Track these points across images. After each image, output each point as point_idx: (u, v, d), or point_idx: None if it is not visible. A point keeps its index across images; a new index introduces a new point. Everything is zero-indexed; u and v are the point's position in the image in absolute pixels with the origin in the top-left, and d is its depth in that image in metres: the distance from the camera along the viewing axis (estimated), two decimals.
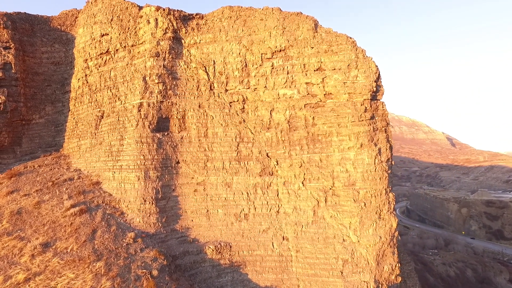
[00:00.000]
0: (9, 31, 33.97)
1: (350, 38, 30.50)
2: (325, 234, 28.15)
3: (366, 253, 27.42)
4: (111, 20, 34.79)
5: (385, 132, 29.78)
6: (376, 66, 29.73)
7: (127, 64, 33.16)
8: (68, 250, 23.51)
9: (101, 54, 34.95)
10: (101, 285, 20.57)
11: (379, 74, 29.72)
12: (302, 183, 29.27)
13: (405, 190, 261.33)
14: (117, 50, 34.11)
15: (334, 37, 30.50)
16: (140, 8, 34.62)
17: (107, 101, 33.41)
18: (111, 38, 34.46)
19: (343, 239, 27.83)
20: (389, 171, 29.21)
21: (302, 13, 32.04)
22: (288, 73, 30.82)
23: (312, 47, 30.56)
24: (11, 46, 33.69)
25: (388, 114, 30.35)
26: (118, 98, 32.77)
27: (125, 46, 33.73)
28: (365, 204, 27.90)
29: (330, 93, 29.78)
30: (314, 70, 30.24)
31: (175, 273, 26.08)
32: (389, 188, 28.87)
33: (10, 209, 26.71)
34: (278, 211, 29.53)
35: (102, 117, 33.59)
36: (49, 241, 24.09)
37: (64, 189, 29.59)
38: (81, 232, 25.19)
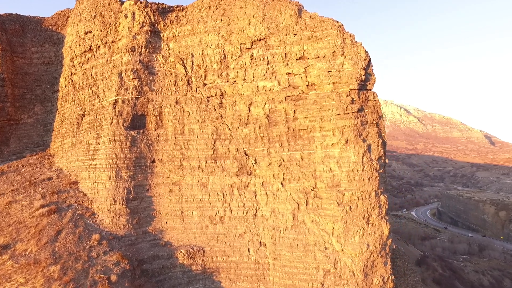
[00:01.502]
0: None
1: (337, 22, 27.37)
2: (305, 240, 25.34)
3: (352, 263, 24.26)
4: (94, 17, 34.16)
5: (377, 126, 26.35)
6: (366, 52, 26.38)
7: (107, 61, 32.30)
8: (27, 253, 22.71)
9: (84, 52, 34.45)
10: None
11: (369, 61, 26.35)
12: (281, 183, 26.65)
13: (437, 191, 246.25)
14: (98, 47, 33.40)
15: (319, 22, 27.53)
16: (122, 3, 33.67)
17: (88, 99, 32.77)
18: (93, 35, 33.85)
19: (325, 247, 24.86)
20: (380, 171, 25.77)
21: None
22: (268, 63, 28.31)
23: (295, 34, 27.80)
24: None
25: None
26: (97, 96, 31.98)
27: (105, 43, 32.91)
28: (350, 207, 24.73)
29: (313, 84, 26.87)
30: (296, 59, 27.48)
31: (140, 278, 24.58)
32: (380, 190, 25.44)
33: None
34: (255, 214, 27.13)
35: (84, 116, 33.01)
36: (10, 242, 23.48)
37: (40, 188, 29.18)
38: (45, 234, 24.39)
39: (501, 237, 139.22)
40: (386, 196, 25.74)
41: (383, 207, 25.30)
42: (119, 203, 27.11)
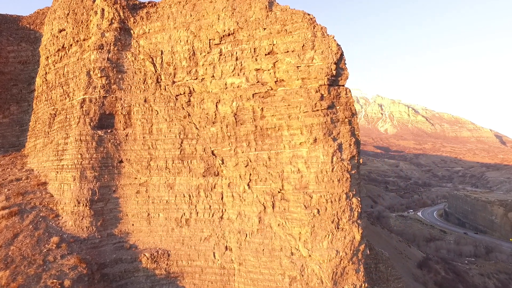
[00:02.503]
0: None
1: (308, 14, 26.00)
2: (271, 245, 24.06)
3: (320, 270, 22.89)
4: (67, 14, 33.49)
5: (349, 124, 24.89)
6: (338, 45, 24.94)
7: (77, 59, 31.60)
8: None
9: (58, 50, 33.84)
10: None
11: (341, 55, 24.91)
12: (248, 185, 25.43)
13: (445, 191, 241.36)
14: (71, 45, 32.74)
15: (289, 15, 26.20)
16: (94, 0, 32.91)
17: (59, 98, 32.13)
18: (66, 33, 33.19)
19: (292, 252, 23.54)
20: (353, 172, 24.31)
21: None
22: (237, 59, 27.11)
23: (265, 28, 26.53)
24: None
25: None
26: (68, 95, 31.31)
27: (77, 41, 32.21)
28: (318, 211, 23.36)
29: (282, 80, 25.57)
30: (265, 54, 26.20)
31: (99, 283, 23.70)
32: (352, 192, 23.97)
33: None
34: (221, 217, 25.98)
35: (55, 115, 32.37)
36: None
37: (6, 190, 28.60)
38: (1, 237, 23.71)
39: (510, 239, 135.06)
40: (359, 199, 24.27)
41: (355, 211, 23.84)
42: (83, 204, 26.31)
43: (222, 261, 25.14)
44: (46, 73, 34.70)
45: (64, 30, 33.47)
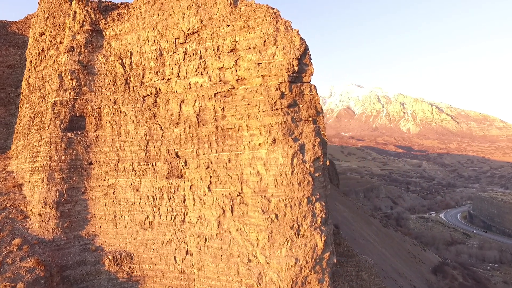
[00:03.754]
0: None
1: (272, 9, 24.73)
2: (230, 251, 23.03)
3: (278, 279, 21.62)
4: (47, 18, 34.06)
5: (314, 123, 23.39)
6: (301, 39, 23.49)
7: (54, 62, 32.00)
8: None
9: (39, 54, 34.51)
10: None
11: (304, 50, 23.45)
12: (208, 187, 24.54)
13: (471, 192, 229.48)
14: (49, 48, 33.24)
15: (253, 10, 25.06)
16: (71, 3, 33.20)
17: (37, 101, 32.70)
18: (46, 36, 33.75)
19: (249, 259, 22.40)
20: (316, 174, 22.81)
21: None
22: (201, 58, 26.29)
23: (228, 25, 25.54)
24: None
25: (319, 98, 23.68)
26: (44, 98, 31.76)
27: (54, 44, 32.64)
28: (276, 216, 22.07)
29: (244, 78, 24.46)
30: (228, 52, 25.20)
31: (58, 285, 23.66)
32: (315, 197, 22.48)
33: None
34: (183, 220, 25.25)
35: (34, 118, 32.95)
36: None
37: None
38: None
39: None
40: (324, 204, 22.74)
41: (318, 216, 22.34)
42: (49, 206, 26.46)
43: (182, 266, 24.43)
44: (29, 76, 35.49)
45: (44, 34, 34.06)
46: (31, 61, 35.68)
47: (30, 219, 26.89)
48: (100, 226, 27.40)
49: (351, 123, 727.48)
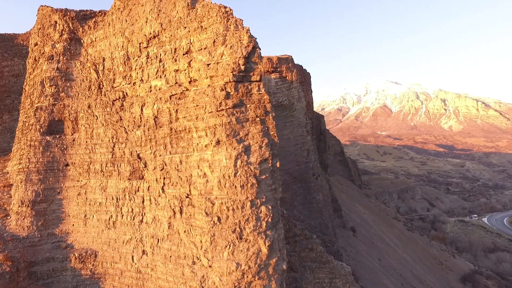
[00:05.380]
0: None
1: (225, 7, 24.32)
2: (178, 252, 23.07)
3: (220, 282, 21.25)
4: (39, 29, 36.53)
5: (262, 123, 22.63)
6: (250, 37, 22.84)
7: (40, 70, 34.22)
8: None
9: (32, 63, 37.10)
10: None
11: (253, 48, 22.76)
12: (162, 188, 24.78)
13: None
14: (39, 58, 35.60)
15: (207, 10, 24.89)
16: None
17: (28, 107, 35.15)
18: (38, 46, 36.21)
19: (193, 262, 22.26)
20: (263, 177, 22.05)
21: None
22: (160, 61, 26.63)
23: (185, 27, 25.61)
24: None
25: (266, 98, 22.81)
26: (32, 104, 34.08)
27: (43, 53, 34.90)
28: (219, 219, 21.68)
29: (195, 80, 24.36)
30: (183, 54, 25.27)
31: (24, 280, 25.31)
32: (260, 200, 21.75)
33: None
34: (141, 221, 25.75)
35: (25, 123, 35.51)
36: None
37: None
38: None
39: None
40: (271, 207, 21.94)
41: (263, 220, 21.59)
42: (26, 205, 28.39)
43: (139, 265, 24.94)
44: (26, 84, 38.30)
45: (37, 44, 36.57)
46: (28, 70, 38.51)
47: (11, 217, 29.04)
48: (73, 225, 28.86)
49: (388, 122, 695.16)
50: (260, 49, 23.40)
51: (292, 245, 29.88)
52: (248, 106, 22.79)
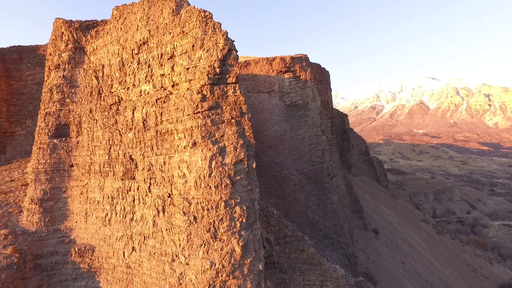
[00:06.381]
0: None
1: (204, 12, 24.88)
2: (160, 250, 23.95)
3: (196, 280, 21.82)
4: (53, 40, 39.55)
5: (237, 125, 22.84)
6: (226, 40, 23.19)
7: (50, 78, 37.03)
8: None
9: (48, 72, 40.22)
10: None
11: (229, 51, 23.08)
12: (149, 188, 25.84)
13: None
14: (50, 67, 38.54)
15: (189, 15, 25.61)
16: None
17: (42, 112, 38.17)
18: (51, 56, 39.23)
19: (173, 259, 22.99)
20: (237, 177, 22.26)
21: None
22: (149, 66, 27.78)
23: (170, 33, 26.54)
24: None
25: (243, 100, 23.00)
26: (44, 110, 36.97)
27: (53, 62, 37.76)
28: (195, 218, 22.23)
29: (177, 83, 25.14)
30: (168, 59, 26.18)
31: (30, 271, 27.66)
32: (235, 200, 21.98)
33: None
34: (132, 219, 27.03)
35: (39, 127, 38.60)
36: None
37: None
38: None
39: None
40: (245, 208, 22.10)
41: (238, 221, 21.82)
42: (35, 203, 30.94)
43: (129, 261, 26.23)
44: (43, 91, 41.62)
45: (50, 54, 39.62)
46: (44, 78, 41.82)
47: (23, 213, 31.80)
48: (76, 222, 30.97)
49: (425, 119, 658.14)
50: (236, 51, 23.67)
51: (282, 246, 29.71)
52: (224, 108, 23.14)
